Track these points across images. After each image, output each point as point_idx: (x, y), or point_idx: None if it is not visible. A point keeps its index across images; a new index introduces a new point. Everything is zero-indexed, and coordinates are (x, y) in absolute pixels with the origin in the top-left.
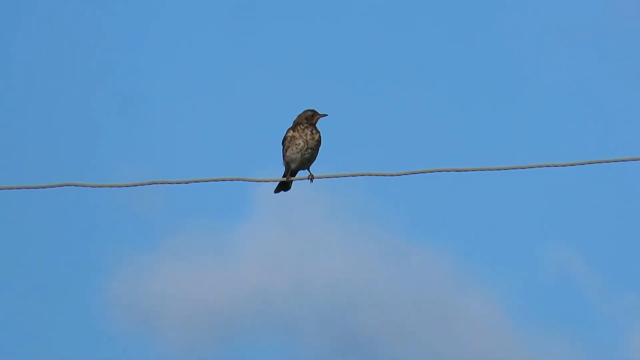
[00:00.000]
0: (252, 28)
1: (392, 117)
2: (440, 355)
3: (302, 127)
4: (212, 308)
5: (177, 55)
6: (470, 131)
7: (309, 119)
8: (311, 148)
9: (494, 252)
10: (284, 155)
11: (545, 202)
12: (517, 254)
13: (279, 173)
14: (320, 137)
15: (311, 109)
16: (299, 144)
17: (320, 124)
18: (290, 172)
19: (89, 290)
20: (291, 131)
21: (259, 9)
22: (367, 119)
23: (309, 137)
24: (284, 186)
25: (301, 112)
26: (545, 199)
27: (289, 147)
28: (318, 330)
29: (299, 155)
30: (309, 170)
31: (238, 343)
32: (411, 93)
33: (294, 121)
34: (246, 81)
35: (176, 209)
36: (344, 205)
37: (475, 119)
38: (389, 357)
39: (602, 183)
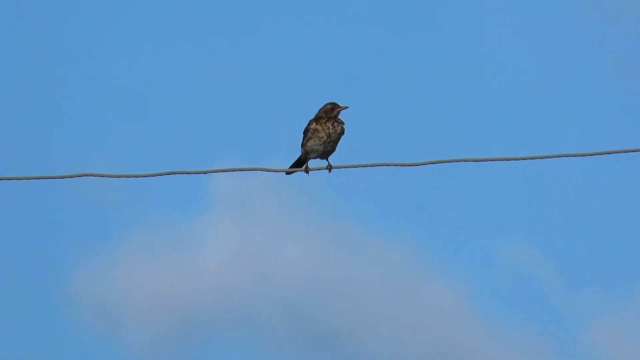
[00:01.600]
0: (258, 24)
1: (404, 109)
2: (405, 346)
3: (324, 121)
4: (175, 303)
5: (181, 50)
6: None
7: (328, 112)
8: (333, 141)
9: (456, 245)
10: (304, 144)
11: (508, 197)
12: (477, 248)
13: (288, 163)
14: (342, 129)
15: (332, 102)
16: (322, 137)
17: (341, 116)
18: (307, 162)
19: (49, 286)
20: (314, 123)
21: (273, 2)
22: (380, 111)
23: (331, 130)
24: (298, 165)
25: (322, 105)
26: (508, 194)
27: (310, 138)
28: (283, 324)
29: (320, 147)
30: (327, 160)
31: (202, 338)
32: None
33: (316, 114)
34: (261, 74)
35: (137, 203)
36: (305, 198)
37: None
38: (355, 350)
39: (561, 178)
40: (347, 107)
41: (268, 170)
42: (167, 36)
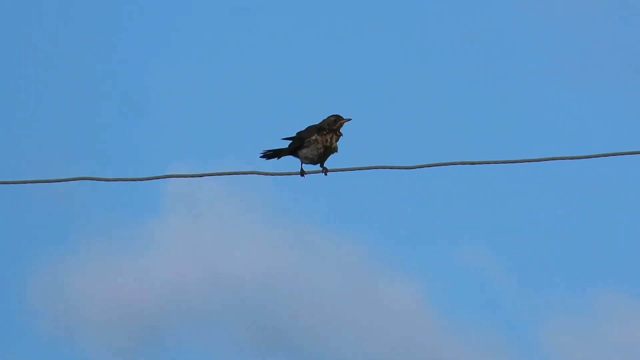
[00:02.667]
0: (253, 26)
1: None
2: (361, 345)
3: (325, 132)
4: (131, 306)
5: (182, 53)
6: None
7: (331, 124)
8: (328, 154)
9: (414, 247)
10: (299, 150)
11: (465, 201)
12: (434, 250)
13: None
14: (336, 146)
15: (335, 114)
16: (320, 148)
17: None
18: (302, 166)
19: (5, 291)
20: (315, 134)
21: (270, 7)
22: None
23: (328, 143)
24: (275, 154)
25: (326, 117)
26: (464, 198)
27: (308, 146)
28: (239, 324)
29: (315, 158)
30: (321, 166)
31: (159, 339)
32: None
33: (319, 124)
34: (255, 77)
35: (93, 207)
36: (258, 199)
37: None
38: (310, 349)
39: (519, 182)
40: (350, 119)
41: (264, 174)
42: (167, 39)
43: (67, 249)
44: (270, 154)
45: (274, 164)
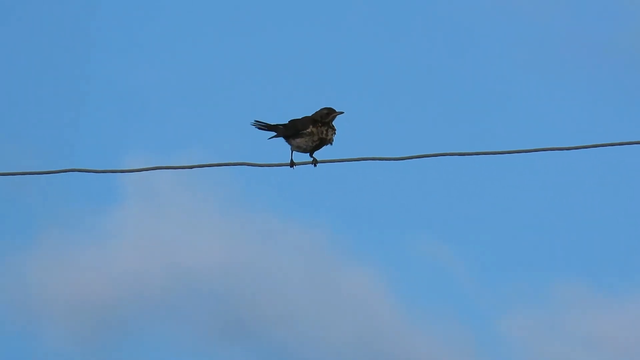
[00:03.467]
0: (250, 26)
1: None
2: (322, 334)
3: (320, 125)
4: (92, 297)
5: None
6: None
7: (324, 117)
8: (322, 146)
9: (374, 236)
10: (292, 139)
11: (428, 192)
12: (393, 239)
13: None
14: (332, 139)
15: (328, 107)
16: (315, 139)
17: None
18: (292, 155)
19: None
20: (311, 126)
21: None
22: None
23: (323, 135)
24: (268, 129)
25: (319, 109)
26: (430, 189)
27: (303, 137)
28: (201, 314)
29: (308, 148)
30: (311, 156)
31: (120, 331)
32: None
33: (312, 115)
34: (250, 73)
35: (48, 199)
36: (215, 190)
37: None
38: (272, 337)
39: (481, 174)
40: (342, 112)
41: (254, 165)
42: (162, 35)
43: (25, 241)
44: (264, 127)
45: (262, 156)
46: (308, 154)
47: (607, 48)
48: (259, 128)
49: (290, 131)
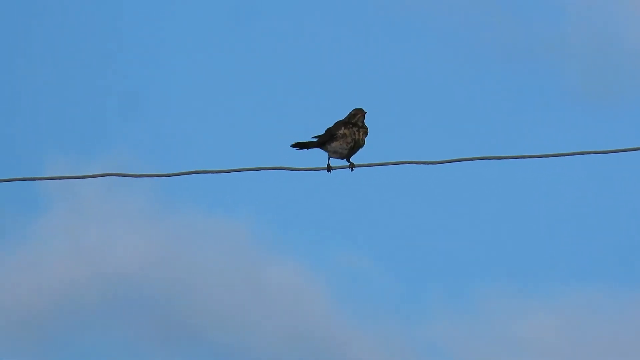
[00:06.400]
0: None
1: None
2: (252, 331)
3: (351, 126)
4: (19, 306)
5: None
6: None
7: (351, 118)
8: (359, 147)
9: (299, 235)
10: (328, 144)
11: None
12: (320, 241)
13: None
14: (364, 140)
15: (357, 108)
16: (349, 141)
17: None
18: (329, 161)
19: None
20: (343, 128)
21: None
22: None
23: (356, 137)
24: (304, 146)
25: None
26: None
27: (337, 140)
28: (130, 318)
29: (345, 151)
30: (348, 160)
31: (48, 338)
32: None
33: (345, 118)
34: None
35: None
36: (138, 196)
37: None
38: (204, 337)
39: (396, 184)
40: (365, 112)
41: (291, 169)
42: (173, 37)
43: None
44: (302, 145)
45: (301, 159)
46: (345, 159)
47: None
48: (300, 148)
49: (325, 137)
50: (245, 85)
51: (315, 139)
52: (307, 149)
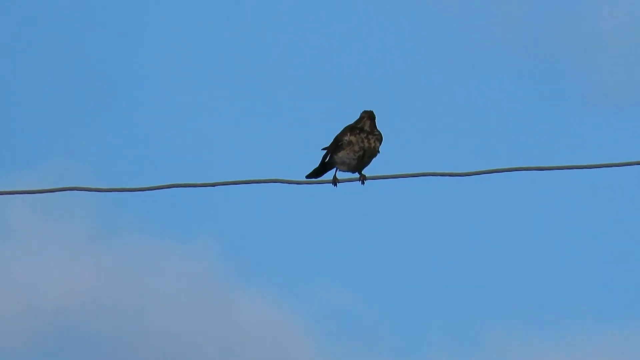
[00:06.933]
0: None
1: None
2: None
3: (358, 132)
4: None
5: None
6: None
7: (358, 122)
8: (369, 157)
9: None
10: (333, 154)
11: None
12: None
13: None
14: (378, 149)
15: (366, 110)
16: (358, 150)
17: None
18: (335, 174)
19: None
20: (348, 134)
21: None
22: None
23: (366, 144)
24: (318, 171)
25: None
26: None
27: (343, 149)
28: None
29: (354, 162)
30: (359, 173)
31: None
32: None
33: (354, 122)
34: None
35: None
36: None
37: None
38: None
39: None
40: (374, 116)
41: (287, 182)
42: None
43: None
44: (316, 171)
45: (298, 169)
46: (357, 172)
47: None
48: (316, 175)
49: (331, 146)
50: (231, 87)
51: (324, 151)
52: (324, 171)
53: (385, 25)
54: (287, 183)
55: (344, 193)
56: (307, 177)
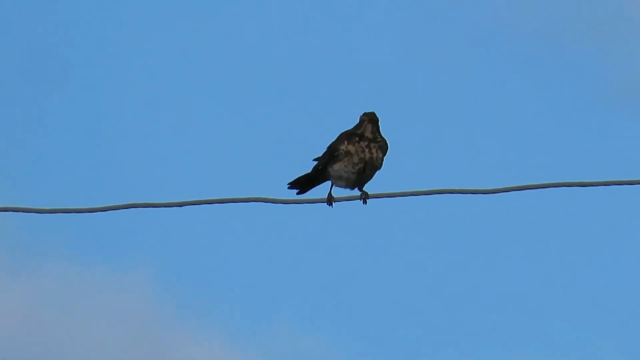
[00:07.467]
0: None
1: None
2: None
3: (357, 139)
4: None
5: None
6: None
7: (357, 127)
8: (371, 170)
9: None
10: (328, 167)
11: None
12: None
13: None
14: (381, 160)
15: (368, 112)
16: (357, 162)
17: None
18: (331, 190)
19: None
20: (345, 142)
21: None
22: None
23: (367, 155)
24: (303, 182)
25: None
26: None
27: (339, 160)
28: None
29: (353, 176)
30: (360, 190)
31: None
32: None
33: (352, 128)
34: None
35: None
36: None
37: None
38: None
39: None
40: (376, 119)
41: (270, 201)
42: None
43: None
44: (299, 182)
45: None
46: (356, 188)
47: None
48: (300, 189)
49: (325, 157)
50: (206, 86)
51: (315, 162)
52: (312, 185)
53: (390, 19)
54: (270, 202)
55: (341, 214)
56: (290, 185)
